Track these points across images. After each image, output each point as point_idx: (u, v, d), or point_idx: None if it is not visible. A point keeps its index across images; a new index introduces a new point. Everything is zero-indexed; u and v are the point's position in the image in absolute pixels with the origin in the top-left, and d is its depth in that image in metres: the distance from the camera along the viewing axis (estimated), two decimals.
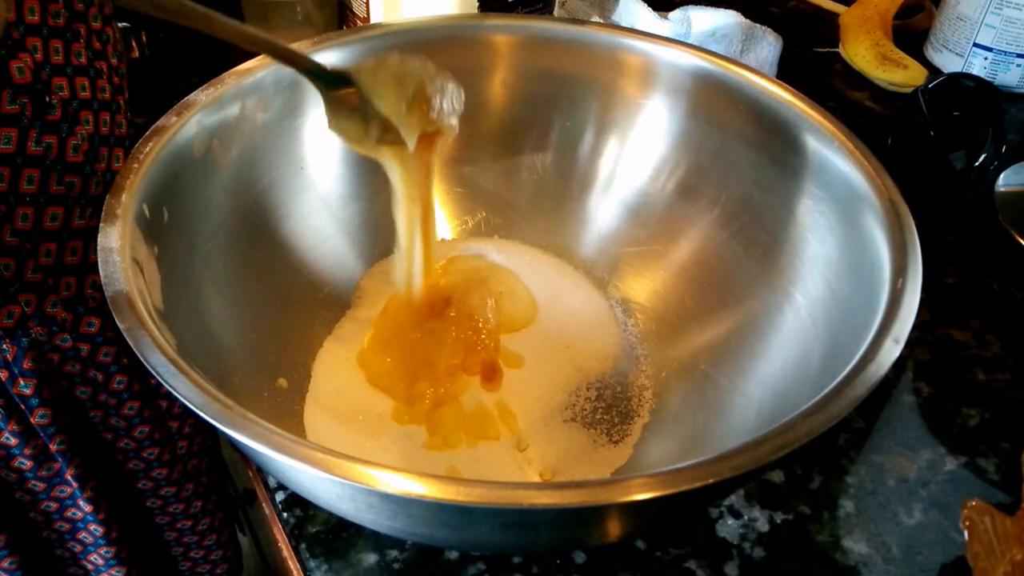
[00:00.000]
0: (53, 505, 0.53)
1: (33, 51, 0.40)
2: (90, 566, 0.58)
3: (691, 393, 0.45)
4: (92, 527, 0.55)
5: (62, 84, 0.42)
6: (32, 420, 0.48)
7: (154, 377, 0.30)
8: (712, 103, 0.48)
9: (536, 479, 0.42)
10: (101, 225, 0.36)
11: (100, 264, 0.34)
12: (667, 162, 0.50)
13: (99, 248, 0.35)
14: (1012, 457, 0.43)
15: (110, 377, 0.51)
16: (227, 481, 0.70)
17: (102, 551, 0.57)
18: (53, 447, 0.50)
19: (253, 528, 0.78)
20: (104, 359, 0.50)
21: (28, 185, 0.42)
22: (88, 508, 0.54)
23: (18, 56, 0.39)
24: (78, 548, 0.57)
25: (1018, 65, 0.70)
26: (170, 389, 0.30)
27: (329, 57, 0.48)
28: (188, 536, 0.63)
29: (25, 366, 0.46)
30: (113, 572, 0.58)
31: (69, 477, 0.52)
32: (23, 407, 0.48)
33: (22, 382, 0.47)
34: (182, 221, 0.41)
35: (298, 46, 0.47)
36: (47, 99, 0.41)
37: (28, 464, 0.50)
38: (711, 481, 0.28)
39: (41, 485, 0.52)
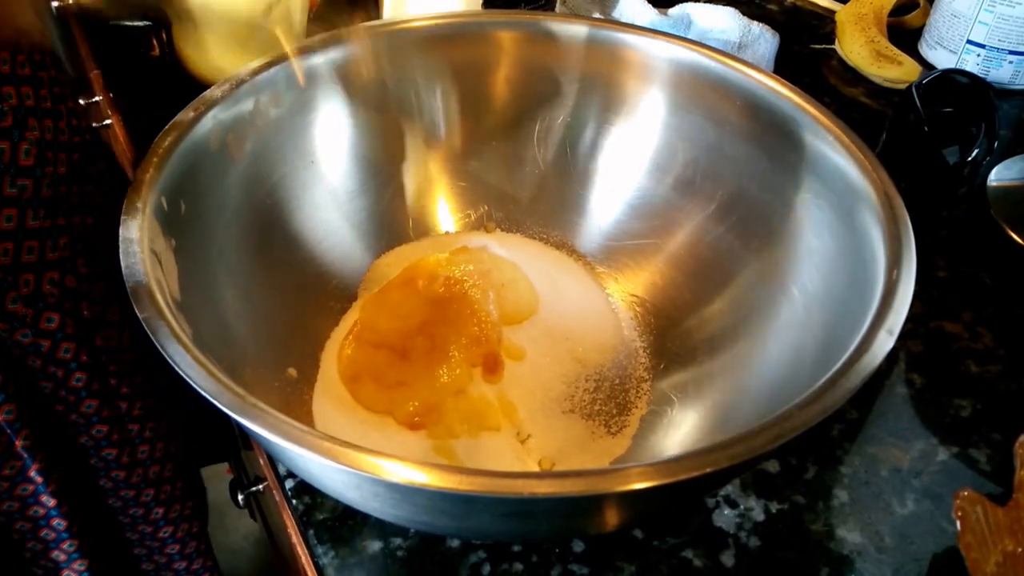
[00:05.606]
0: (15, 504, 0.53)
1: None
2: (51, 564, 0.57)
3: (688, 384, 0.45)
4: (55, 522, 0.55)
5: (11, 92, 0.43)
6: None
7: (171, 367, 0.31)
8: (709, 98, 0.49)
9: (536, 469, 0.42)
10: (123, 217, 0.36)
11: (121, 255, 0.35)
12: (665, 156, 0.51)
13: (120, 239, 0.35)
14: (1003, 448, 0.44)
15: (69, 374, 0.51)
16: (201, 493, 0.68)
17: (65, 545, 0.56)
18: (19, 443, 0.50)
19: (264, 514, 0.78)
20: (64, 355, 0.50)
21: None
22: (52, 503, 0.53)
23: None
24: (39, 547, 0.56)
25: (1010, 62, 0.70)
26: (186, 378, 0.30)
27: (337, 53, 0.48)
28: (150, 541, 0.63)
29: None
30: (76, 566, 0.58)
31: (32, 474, 0.51)
32: None
33: None
34: (198, 213, 0.42)
35: (308, 42, 0.48)
36: (0, 107, 0.42)
37: None
38: (708, 470, 0.28)
39: (4, 484, 0.52)
